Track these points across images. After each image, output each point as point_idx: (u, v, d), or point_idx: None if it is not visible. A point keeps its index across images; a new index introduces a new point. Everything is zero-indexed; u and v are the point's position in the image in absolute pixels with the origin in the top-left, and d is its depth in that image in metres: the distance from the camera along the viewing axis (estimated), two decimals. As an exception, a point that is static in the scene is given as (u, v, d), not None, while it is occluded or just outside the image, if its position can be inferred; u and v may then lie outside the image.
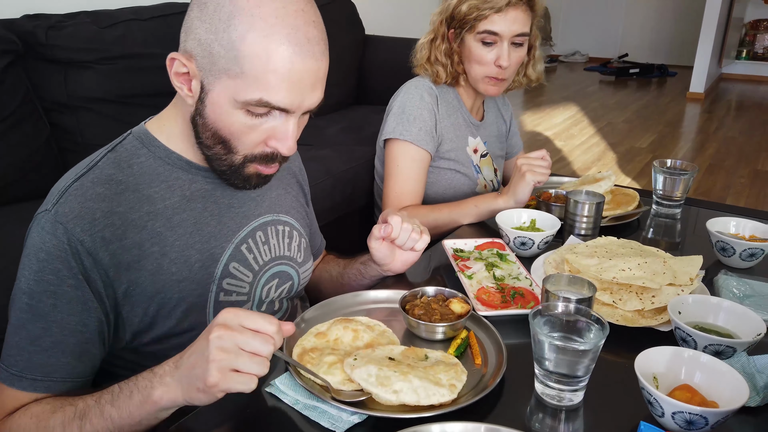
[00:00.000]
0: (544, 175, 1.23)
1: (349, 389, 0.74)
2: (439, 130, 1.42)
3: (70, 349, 0.76)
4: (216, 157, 0.81)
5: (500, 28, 1.32)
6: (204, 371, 0.64)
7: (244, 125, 0.76)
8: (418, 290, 0.91)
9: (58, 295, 0.74)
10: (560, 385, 0.73)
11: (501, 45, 1.34)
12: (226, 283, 0.87)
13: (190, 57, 0.75)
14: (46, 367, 0.75)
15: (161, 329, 0.83)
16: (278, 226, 0.96)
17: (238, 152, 0.79)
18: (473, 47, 1.36)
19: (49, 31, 1.51)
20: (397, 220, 0.96)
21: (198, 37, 0.73)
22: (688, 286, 0.92)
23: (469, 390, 0.75)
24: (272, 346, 0.66)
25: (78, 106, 1.57)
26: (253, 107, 0.74)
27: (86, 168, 0.80)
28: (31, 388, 0.75)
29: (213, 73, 0.74)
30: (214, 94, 0.75)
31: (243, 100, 0.73)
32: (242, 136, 0.77)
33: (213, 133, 0.78)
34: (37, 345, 0.74)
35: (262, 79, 0.72)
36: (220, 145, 0.79)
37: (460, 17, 1.35)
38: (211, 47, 0.72)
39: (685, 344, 0.81)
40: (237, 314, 0.66)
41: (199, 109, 0.77)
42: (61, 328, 0.75)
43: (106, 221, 0.77)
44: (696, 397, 0.69)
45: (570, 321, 0.76)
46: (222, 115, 0.76)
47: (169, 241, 0.82)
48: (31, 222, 0.78)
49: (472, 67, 1.39)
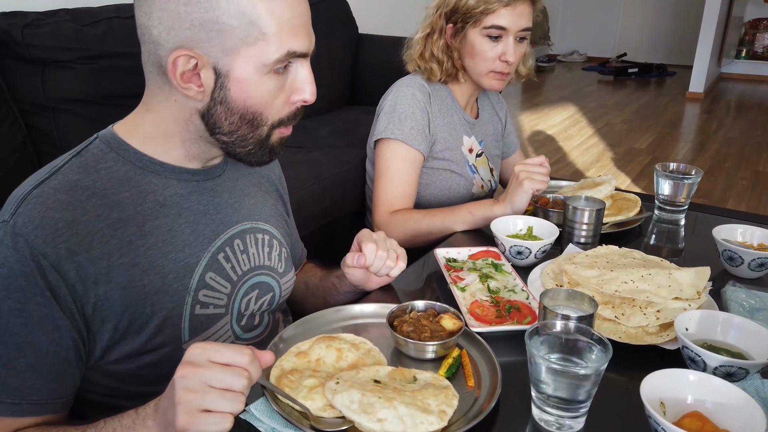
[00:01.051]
0: (543, 183, 1.17)
1: (331, 416, 0.68)
2: (433, 129, 1.37)
3: (46, 369, 0.71)
4: (240, 140, 0.79)
5: (508, 22, 1.27)
6: (173, 415, 0.59)
7: (273, 89, 0.76)
8: (407, 305, 0.85)
9: (27, 313, 0.69)
10: (559, 411, 0.67)
11: (507, 39, 1.30)
12: (203, 294, 0.82)
13: (192, 48, 0.71)
14: (23, 390, 0.70)
15: (132, 345, 0.77)
16: (257, 234, 0.91)
17: (266, 122, 0.78)
18: (477, 42, 1.31)
19: (26, 29, 1.45)
20: (371, 249, 0.92)
21: (197, 22, 0.70)
22: (696, 300, 0.86)
23: (461, 416, 0.69)
24: (246, 379, 0.60)
25: (56, 107, 1.50)
26: (280, 64, 0.74)
27: (48, 174, 0.74)
28: (8, 412, 0.70)
29: (227, 50, 0.72)
30: (236, 72, 0.73)
31: (273, 59, 0.73)
32: (272, 101, 0.77)
33: (241, 114, 0.76)
34: (11, 368, 0.70)
35: (281, 32, 0.72)
36: (247, 125, 0.77)
37: (464, 10, 1.29)
38: (219, 24, 0.70)
39: (693, 365, 0.75)
40: (204, 349, 0.61)
41: (217, 98, 0.75)
42: (34, 348, 0.70)
43: (69, 231, 0.71)
44: (707, 426, 0.63)
45: (570, 341, 0.70)
46: (251, 88, 0.74)
47: (140, 250, 0.76)
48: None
49: (474, 62, 1.34)
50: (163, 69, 0.74)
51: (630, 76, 6.67)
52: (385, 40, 2.58)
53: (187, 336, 0.81)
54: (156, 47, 0.73)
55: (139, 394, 0.78)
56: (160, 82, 0.76)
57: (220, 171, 0.88)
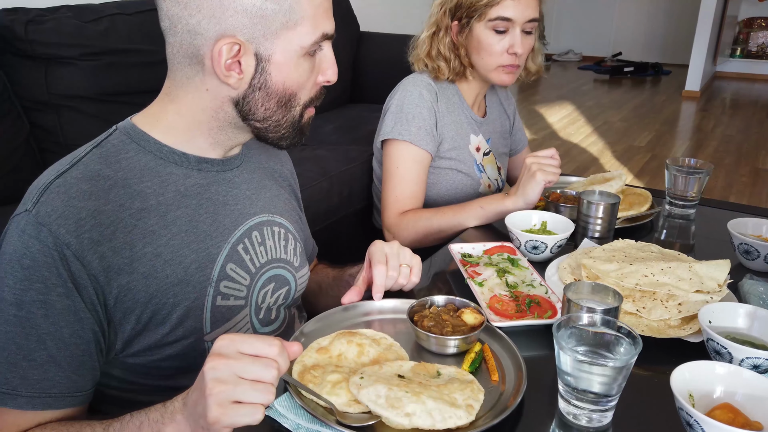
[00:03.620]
0: (555, 175, 1.16)
1: (356, 411, 0.67)
2: (440, 128, 1.35)
3: (66, 362, 0.70)
4: (274, 125, 0.80)
5: (513, 13, 1.26)
6: (204, 408, 0.58)
7: (308, 70, 0.79)
8: (426, 300, 0.84)
9: (49, 304, 0.68)
10: (588, 404, 0.66)
11: (513, 32, 1.28)
12: (224, 286, 0.81)
13: (234, 35, 0.72)
14: (43, 382, 0.69)
15: (154, 337, 0.76)
16: (273, 227, 0.91)
17: (299, 103, 0.80)
18: (483, 36, 1.29)
19: (29, 25, 1.43)
20: (381, 272, 0.87)
21: (242, 9, 0.71)
22: (717, 292, 0.85)
23: (488, 410, 0.68)
24: (275, 370, 0.59)
25: (59, 104, 1.49)
26: (315, 46, 0.77)
27: (69, 164, 0.74)
28: (28, 405, 0.69)
29: (269, 35, 0.73)
30: (277, 56, 0.75)
31: (311, 42, 0.76)
32: (306, 82, 0.79)
33: (279, 97, 0.78)
34: (31, 360, 0.68)
35: (315, 16, 0.75)
36: (283, 108, 0.79)
37: (468, 5, 1.28)
38: (263, 10, 0.72)
39: (719, 357, 0.74)
40: (233, 340, 0.60)
41: (256, 84, 0.76)
42: (56, 340, 0.69)
43: (93, 221, 0.70)
44: (739, 418, 0.63)
45: (597, 334, 0.69)
46: (290, 71, 0.77)
47: (162, 240, 0.76)
48: (8, 225, 0.71)
49: (482, 57, 1.32)
50: (198, 58, 0.73)
51: (626, 75, 6.70)
52: (385, 37, 2.58)
53: (209, 327, 0.80)
54: (193, 37, 0.72)
55: (157, 389, 0.77)
56: (190, 72, 0.75)
57: (238, 162, 0.87)
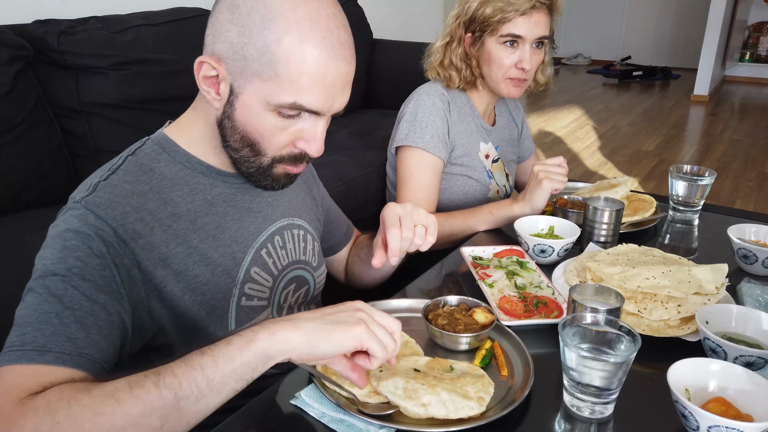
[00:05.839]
0: (561, 183, 1.22)
1: (376, 402, 0.73)
2: (452, 135, 1.41)
3: (99, 325, 0.66)
4: (244, 160, 0.81)
5: (523, 31, 1.31)
6: (350, 316, 0.66)
7: (274, 127, 0.76)
8: (440, 299, 0.90)
9: (87, 270, 0.68)
10: (591, 398, 0.71)
11: (523, 47, 1.33)
12: (248, 287, 0.87)
13: (219, 60, 0.74)
14: (77, 340, 0.64)
15: (179, 330, 0.80)
16: (293, 230, 0.96)
17: (266, 154, 0.79)
18: (494, 50, 1.35)
19: (60, 36, 1.50)
20: (395, 235, 0.87)
21: (229, 40, 0.73)
22: (715, 295, 0.90)
23: (497, 402, 0.74)
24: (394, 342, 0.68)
25: (89, 111, 1.56)
26: (285, 109, 0.74)
27: (110, 171, 0.79)
28: (58, 361, 0.62)
29: (244, 75, 0.73)
30: (244, 97, 0.75)
31: (276, 102, 0.73)
32: (272, 137, 0.77)
33: (242, 135, 0.78)
34: (65, 319, 0.64)
35: (296, 82, 0.72)
36: (248, 148, 0.79)
37: (481, 20, 1.33)
38: (244, 50, 0.72)
39: (714, 355, 0.80)
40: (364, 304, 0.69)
41: (227, 112, 0.77)
42: (91, 302, 0.67)
43: (136, 215, 0.75)
44: (730, 410, 0.68)
45: (600, 332, 0.75)
46: (252, 117, 0.75)
47: (193, 243, 0.81)
48: (54, 221, 0.74)
49: (492, 70, 1.38)
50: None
51: (634, 79, 6.72)
52: (398, 44, 2.64)
53: (233, 326, 0.85)
54: (203, 48, 0.77)
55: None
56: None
57: None
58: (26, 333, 0.63)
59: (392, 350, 0.68)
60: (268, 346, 0.63)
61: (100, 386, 0.59)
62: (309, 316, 0.66)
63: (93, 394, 0.58)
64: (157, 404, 0.58)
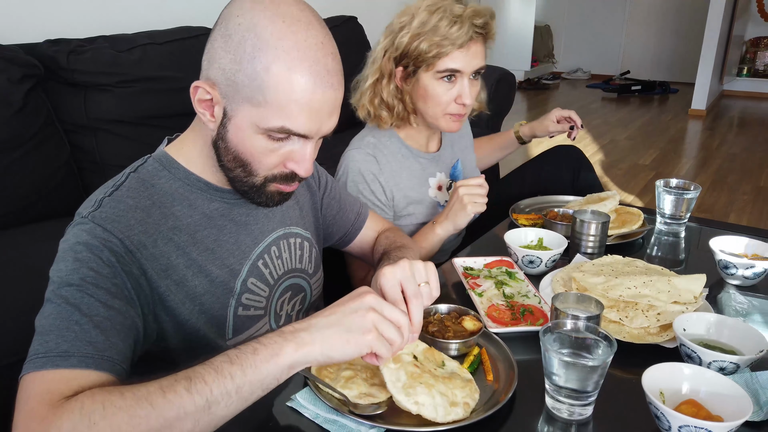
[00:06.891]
0: (483, 206, 1.25)
1: (366, 403, 0.77)
2: (389, 193, 1.34)
3: (116, 329, 0.70)
4: (237, 179, 0.85)
5: (461, 64, 1.24)
6: (362, 319, 0.69)
7: (264, 148, 0.80)
8: (431, 307, 0.95)
9: (100, 279, 0.72)
10: (570, 400, 0.75)
11: (461, 81, 1.26)
12: (245, 298, 0.91)
13: (213, 85, 0.78)
14: (98, 344, 0.67)
15: (179, 337, 0.84)
16: (290, 239, 1.00)
17: (258, 174, 0.83)
18: (431, 85, 1.27)
19: (70, 55, 1.56)
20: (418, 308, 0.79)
21: (222, 67, 0.77)
22: (693, 303, 0.95)
23: (482, 405, 0.78)
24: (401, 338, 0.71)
25: (97, 127, 1.61)
26: (275, 133, 0.78)
27: (113, 187, 0.83)
28: (82, 364, 0.65)
29: (236, 100, 0.77)
30: (236, 120, 0.79)
31: (266, 126, 0.77)
32: (262, 158, 0.81)
33: (234, 156, 0.82)
34: (84, 325, 0.68)
35: (284, 108, 0.76)
36: (241, 168, 0.83)
37: (415, 55, 1.24)
38: (236, 76, 0.76)
39: (690, 360, 0.84)
40: (375, 295, 0.72)
41: (221, 134, 0.81)
42: (107, 308, 0.71)
43: (140, 228, 0.80)
44: (701, 412, 0.72)
45: (579, 338, 0.79)
46: (244, 139, 0.80)
47: (192, 255, 0.85)
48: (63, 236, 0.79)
49: (428, 106, 1.30)
50: None
51: (633, 93, 6.78)
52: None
53: (231, 334, 0.90)
54: (200, 72, 0.82)
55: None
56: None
57: None
58: (49, 341, 0.67)
59: (398, 346, 0.71)
60: (293, 360, 0.67)
61: (131, 389, 0.62)
62: (324, 323, 0.69)
63: (126, 397, 0.61)
64: (190, 408, 0.62)
